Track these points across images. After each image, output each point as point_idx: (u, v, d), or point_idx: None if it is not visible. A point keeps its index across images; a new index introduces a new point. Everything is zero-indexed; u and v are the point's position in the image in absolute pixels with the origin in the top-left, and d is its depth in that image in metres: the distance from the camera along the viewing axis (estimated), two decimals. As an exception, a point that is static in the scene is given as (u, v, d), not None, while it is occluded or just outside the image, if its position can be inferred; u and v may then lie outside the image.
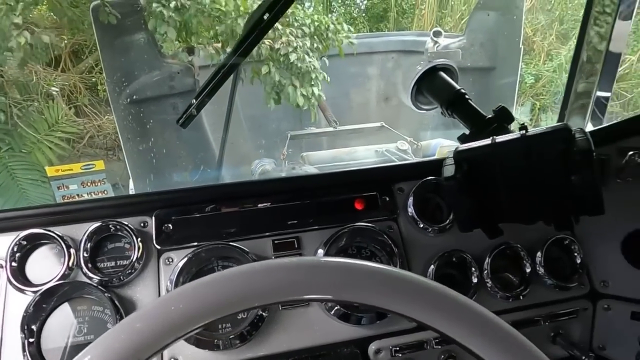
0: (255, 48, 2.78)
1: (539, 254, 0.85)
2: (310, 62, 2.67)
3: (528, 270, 0.84)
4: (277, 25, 2.77)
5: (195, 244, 0.80)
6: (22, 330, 0.70)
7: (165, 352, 0.73)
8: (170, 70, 3.29)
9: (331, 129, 3.52)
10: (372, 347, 0.78)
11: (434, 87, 0.99)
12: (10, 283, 0.72)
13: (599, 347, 0.88)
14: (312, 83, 2.66)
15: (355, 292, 0.44)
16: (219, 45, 3.00)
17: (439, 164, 0.86)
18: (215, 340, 0.73)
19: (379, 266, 0.45)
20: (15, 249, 0.72)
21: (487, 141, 0.74)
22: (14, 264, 0.73)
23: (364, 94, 4.04)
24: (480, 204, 0.76)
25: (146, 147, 3.30)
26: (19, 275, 0.73)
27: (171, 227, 0.80)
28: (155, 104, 3.30)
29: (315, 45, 2.77)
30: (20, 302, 0.72)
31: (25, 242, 0.73)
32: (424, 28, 5.39)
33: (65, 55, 4.91)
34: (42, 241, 0.75)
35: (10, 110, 4.05)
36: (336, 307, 0.77)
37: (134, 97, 3.22)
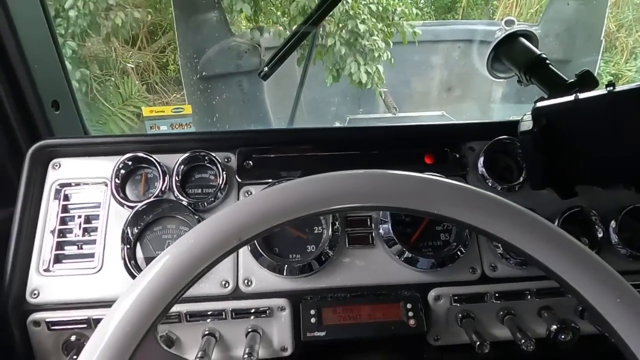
0: (323, 24, 2.83)
1: (613, 222, 0.83)
2: (375, 40, 2.67)
3: (600, 235, 0.82)
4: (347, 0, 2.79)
5: (271, 180, 0.86)
6: (122, 239, 0.80)
7: (241, 273, 0.80)
8: (238, 49, 3.42)
9: (390, 115, 3.51)
10: (432, 294, 0.81)
11: (513, 52, 0.98)
12: (114, 197, 0.82)
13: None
14: (377, 61, 2.66)
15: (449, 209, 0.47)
16: (287, 22, 3.07)
17: (511, 125, 0.87)
18: (286, 267, 0.79)
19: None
20: (120, 167, 0.82)
21: (570, 97, 0.74)
22: (117, 180, 0.83)
23: (426, 82, 3.97)
24: (556, 162, 0.76)
25: (210, 122, 3.46)
26: (121, 191, 0.83)
27: (251, 164, 0.87)
28: (222, 80, 3.45)
29: (380, 26, 2.76)
30: (120, 215, 0.82)
31: (129, 163, 0.83)
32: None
33: (142, 34, 5.22)
34: (142, 164, 0.85)
35: (90, 83, 4.38)
36: (402, 250, 0.80)
37: (204, 73, 3.37)
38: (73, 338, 0.79)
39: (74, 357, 0.79)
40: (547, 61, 0.91)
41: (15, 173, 0.86)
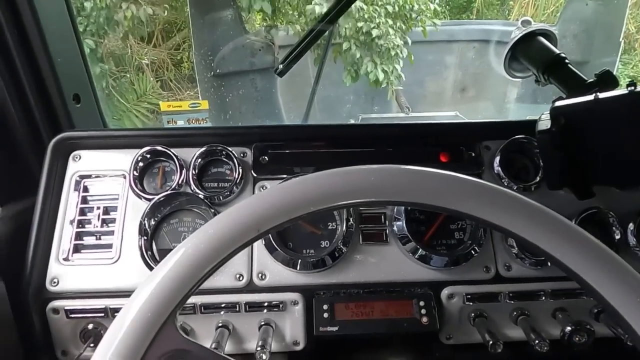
0: (338, 28, 2.83)
1: (631, 224, 0.82)
2: (392, 39, 2.67)
3: (617, 237, 0.82)
4: (361, 4, 2.80)
5: (286, 176, 0.87)
6: (139, 231, 0.81)
7: (255, 266, 0.81)
8: (252, 47, 3.44)
9: (403, 115, 3.50)
10: (445, 292, 0.81)
11: (531, 51, 0.97)
12: (132, 189, 0.84)
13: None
14: (394, 60, 2.65)
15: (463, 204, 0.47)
16: (304, 22, 3.08)
17: (528, 124, 0.86)
18: (299, 261, 0.80)
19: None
20: (138, 159, 0.84)
21: (589, 97, 0.73)
22: (135, 173, 0.84)
23: (440, 82, 3.94)
24: (574, 162, 0.75)
25: (224, 119, 3.48)
26: (139, 184, 0.84)
27: (267, 159, 0.88)
28: (236, 78, 3.47)
29: (398, 24, 2.76)
30: (138, 207, 0.84)
31: (148, 156, 0.84)
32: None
33: (158, 31, 5.27)
34: (160, 158, 0.86)
35: (106, 79, 4.44)
36: (416, 247, 0.80)
37: (218, 70, 3.40)
38: (90, 326, 0.81)
39: (91, 345, 0.81)
40: (567, 60, 0.90)
41: (37, 164, 0.88)
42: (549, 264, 0.81)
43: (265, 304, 0.80)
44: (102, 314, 0.79)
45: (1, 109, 0.88)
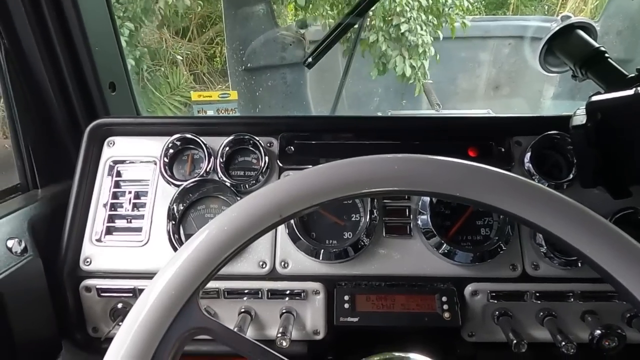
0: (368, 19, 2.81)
1: (670, 227, 0.78)
2: (421, 35, 2.63)
3: (655, 240, 0.78)
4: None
5: (311, 166, 0.87)
6: (168, 215, 0.84)
7: (278, 254, 0.82)
8: (283, 41, 3.46)
9: (433, 111, 3.44)
10: (469, 288, 0.80)
11: (569, 45, 0.93)
12: (162, 175, 0.86)
13: None
14: (422, 57, 2.62)
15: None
16: (335, 14, 3.08)
17: (561, 120, 0.83)
18: (322, 251, 0.80)
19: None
20: (168, 146, 0.86)
21: (629, 91, 0.70)
22: (165, 159, 0.87)
23: (472, 80, 3.85)
24: (609, 159, 0.72)
25: (253, 112, 3.52)
26: (168, 170, 0.87)
27: (293, 149, 0.88)
28: (266, 72, 3.50)
29: (429, 18, 2.71)
30: (167, 193, 0.86)
31: (178, 143, 0.87)
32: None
33: (193, 25, 5.38)
34: (189, 145, 0.88)
35: (141, 73, 4.56)
36: (440, 242, 0.79)
37: (249, 64, 3.44)
38: (120, 305, 0.84)
39: (120, 323, 0.84)
40: (606, 55, 0.86)
41: (74, 148, 0.92)
42: (579, 264, 0.78)
43: (287, 292, 0.81)
44: (131, 294, 0.82)
45: (43, 95, 0.92)
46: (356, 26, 1.15)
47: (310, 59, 1.05)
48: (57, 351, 0.83)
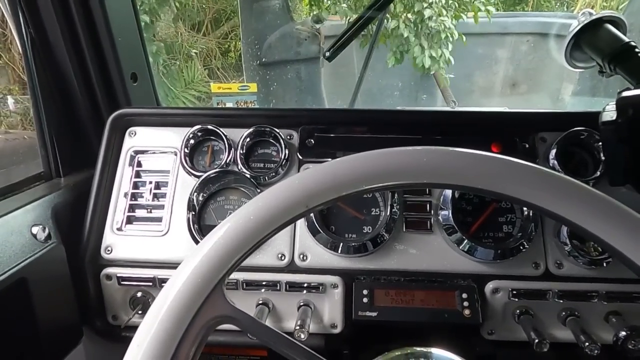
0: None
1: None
2: (443, 20, 2.57)
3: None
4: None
5: (330, 159, 0.86)
6: (188, 206, 0.84)
7: (297, 247, 0.82)
8: (298, 36, 3.45)
9: (448, 108, 3.40)
10: (490, 286, 0.78)
11: (597, 39, 0.91)
12: (182, 166, 0.87)
13: None
14: (443, 44, 2.56)
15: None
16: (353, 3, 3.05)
17: (587, 116, 0.82)
18: (341, 245, 0.80)
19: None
20: (189, 137, 0.86)
21: (662, 87, 0.68)
22: (186, 150, 0.87)
23: (489, 77, 3.79)
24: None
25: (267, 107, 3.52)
26: (189, 161, 0.87)
27: (313, 142, 0.88)
28: (281, 67, 3.50)
29: (450, 1, 2.64)
30: (187, 183, 0.87)
31: (199, 134, 0.87)
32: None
33: (208, 20, 5.40)
34: (210, 137, 0.89)
35: (157, 66, 4.59)
36: (461, 238, 0.78)
37: (264, 59, 3.44)
38: (139, 294, 0.85)
39: (139, 312, 0.85)
40: (637, 50, 0.84)
41: (96, 138, 0.93)
42: (604, 264, 0.76)
43: (305, 285, 0.81)
44: (150, 283, 0.83)
45: (67, 85, 0.93)
46: (377, 20, 1.13)
47: (328, 53, 1.04)
48: (79, 337, 0.84)
